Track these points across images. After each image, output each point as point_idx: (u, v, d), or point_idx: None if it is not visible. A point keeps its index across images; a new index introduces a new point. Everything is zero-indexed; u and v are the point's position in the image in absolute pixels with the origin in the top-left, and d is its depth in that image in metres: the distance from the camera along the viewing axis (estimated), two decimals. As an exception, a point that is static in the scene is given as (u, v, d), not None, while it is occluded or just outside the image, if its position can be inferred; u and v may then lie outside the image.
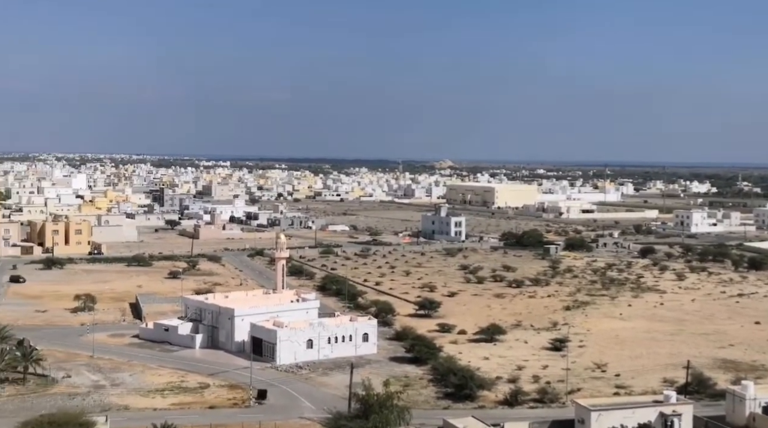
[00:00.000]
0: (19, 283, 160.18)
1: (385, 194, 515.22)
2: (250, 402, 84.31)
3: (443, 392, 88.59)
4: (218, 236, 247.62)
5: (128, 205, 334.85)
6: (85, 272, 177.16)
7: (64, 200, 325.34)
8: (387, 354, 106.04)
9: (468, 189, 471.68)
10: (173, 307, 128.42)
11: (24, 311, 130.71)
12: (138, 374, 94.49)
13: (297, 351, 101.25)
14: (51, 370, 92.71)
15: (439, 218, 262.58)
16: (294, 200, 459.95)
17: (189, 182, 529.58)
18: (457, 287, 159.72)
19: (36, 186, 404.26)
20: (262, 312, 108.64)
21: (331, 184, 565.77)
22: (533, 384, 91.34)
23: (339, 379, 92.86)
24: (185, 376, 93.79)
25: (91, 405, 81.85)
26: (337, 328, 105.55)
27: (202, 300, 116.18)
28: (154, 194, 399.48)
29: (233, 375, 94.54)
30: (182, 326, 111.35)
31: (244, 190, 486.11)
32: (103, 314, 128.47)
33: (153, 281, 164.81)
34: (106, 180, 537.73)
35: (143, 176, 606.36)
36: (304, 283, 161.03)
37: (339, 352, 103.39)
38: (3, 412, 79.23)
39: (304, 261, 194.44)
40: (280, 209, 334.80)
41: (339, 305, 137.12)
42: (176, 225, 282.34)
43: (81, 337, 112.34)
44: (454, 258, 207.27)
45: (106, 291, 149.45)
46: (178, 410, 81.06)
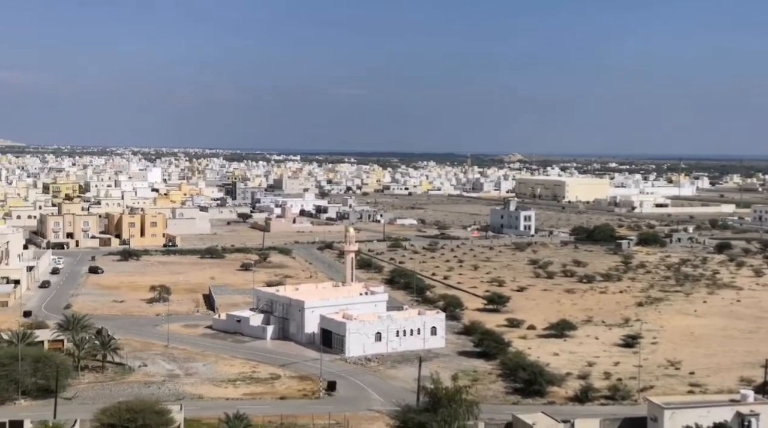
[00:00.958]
0: (98, 274, 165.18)
1: (454, 187, 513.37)
2: (319, 393, 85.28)
3: (512, 387, 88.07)
4: (289, 229, 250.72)
5: (202, 198, 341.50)
6: (160, 264, 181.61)
7: (140, 194, 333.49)
8: (455, 348, 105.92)
9: (538, 183, 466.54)
10: (245, 299, 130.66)
11: (102, 302, 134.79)
12: (211, 364, 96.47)
13: (366, 343, 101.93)
14: (128, 359, 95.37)
15: (508, 212, 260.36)
16: (363, 193, 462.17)
17: (260, 176, 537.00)
18: (526, 282, 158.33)
19: (113, 180, 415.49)
20: (331, 305, 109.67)
21: (400, 178, 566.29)
22: (604, 380, 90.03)
23: (407, 372, 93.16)
24: (257, 367, 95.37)
25: (166, 393, 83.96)
26: (405, 321, 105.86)
27: (273, 292, 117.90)
28: (227, 187, 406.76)
29: (303, 367, 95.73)
30: (254, 317, 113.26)
31: (314, 184, 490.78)
32: (178, 305, 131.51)
33: (225, 273, 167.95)
34: (180, 174, 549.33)
35: (216, 170, 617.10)
36: (372, 276, 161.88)
37: (407, 345, 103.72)
38: (83, 399, 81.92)
39: (373, 255, 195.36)
40: (349, 203, 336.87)
41: (407, 299, 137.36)
42: (248, 218, 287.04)
43: (156, 327, 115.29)
44: (524, 253, 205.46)
45: (181, 283, 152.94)
46: (249, 400, 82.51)
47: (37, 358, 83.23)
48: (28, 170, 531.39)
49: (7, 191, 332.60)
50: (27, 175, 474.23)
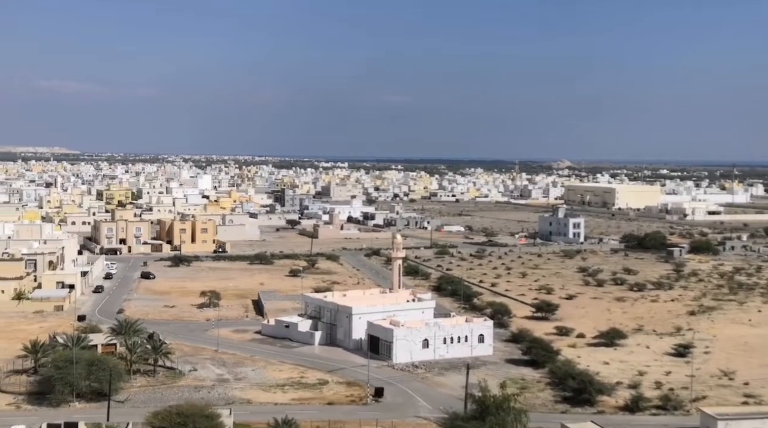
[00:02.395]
0: (150, 279, 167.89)
1: (501, 194, 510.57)
2: (367, 399, 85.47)
3: (561, 396, 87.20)
4: (336, 236, 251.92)
5: (251, 205, 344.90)
6: (210, 270, 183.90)
7: (191, 200, 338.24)
8: (503, 355, 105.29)
9: (587, 190, 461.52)
10: (293, 304, 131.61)
11: (154, 306, 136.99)
12: (260, 369, 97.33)
13: (413, 350, 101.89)
14: (179, 363, 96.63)
15: (556, 219, 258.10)
16: (410, 200, 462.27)
17: (309, 183, 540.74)
18: (575, 290, 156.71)
19: (165, 186, 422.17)
20: (379, 311, 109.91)
21: (447, 185, 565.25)
22: (655, 390, 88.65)
23: (455, 379, 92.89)
24: (305, 372, 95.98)
25: (216, 397, 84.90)
26: (452, 328, 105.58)
27: (321, 298, 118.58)
28: (276, 194, 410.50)
29: (351, 372, 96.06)
30: (302, 323, 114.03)
31: (362, 190, 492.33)
32: (227, 311, 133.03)
33: (274, 278, 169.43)
34: (230, 181, 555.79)
35: (265, 177, 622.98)
36: (419, 283, 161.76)
37: (454, 353, 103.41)
38: (135, 402, 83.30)
39: (420, 261, 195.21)
40: (396, 210, 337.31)
41: (454, 306, 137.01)
42: (296, 225, 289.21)
43: (206, 332, 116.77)
44: (573, 260, 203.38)
45: (230, 288, 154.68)
46: (297, 405, 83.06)
47: (91, 362, 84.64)
48: (83, 178, 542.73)
49: (63, 197, 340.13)
50: (81, 182, 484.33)
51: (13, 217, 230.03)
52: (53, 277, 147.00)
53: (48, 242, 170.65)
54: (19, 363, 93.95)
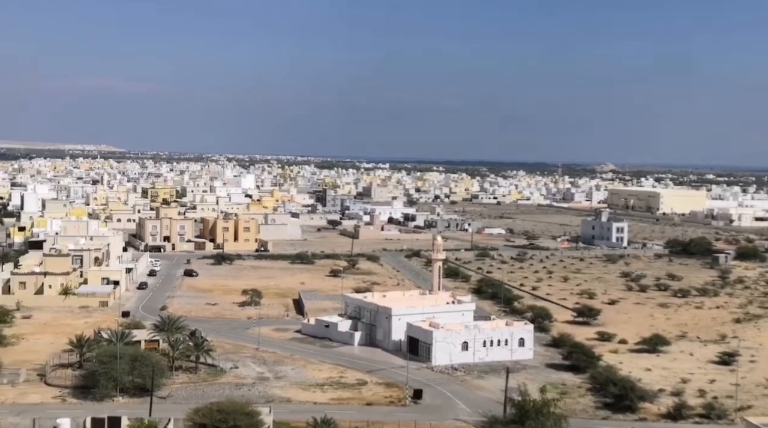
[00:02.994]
0: (193, 277, 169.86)
1: (543, 197, 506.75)
2: (406, 401, 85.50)
3: (602, 402, 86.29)
4: (377, 237, 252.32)
5: (293, 204, 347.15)
6: (252, 268, 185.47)
7: (234, 199, 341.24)
8: (543, 360, 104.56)
9: (631, 194, 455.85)
10: (333, 304, 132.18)
11: (196, 304, 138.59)
12: (300, 368, 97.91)
13: (452, 352, 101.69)
14: (220, 360, 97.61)
15: (599, 223, 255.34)
16: (451, 202, 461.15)
17: (350, 184, 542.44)
18: (617, 295, 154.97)
19: (209, 185, 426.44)
20: (418, 313, 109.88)
21: (488, 187, 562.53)
22: (699, 398, 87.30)
23: (494, 383, 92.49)
24: (344, 372, 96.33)
25: (256, 395, 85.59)
26: (492, 332, 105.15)
27: (361, 299, 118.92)
28: (317, 194, 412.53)
29: (390, 373, 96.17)
30: (342, 323, 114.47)
31: (403, 192, 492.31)
32: (268, 309, 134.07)
33: (315, 278, 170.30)
34: (272, 180, 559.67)
35: (307, 177, 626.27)
36: (459, 285, 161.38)
37: (494, 356, 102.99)
38: (177, 399, 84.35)
39: (460, 263, 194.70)
40: (437, 211, 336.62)
41: (494, 309, 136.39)
42: (337, 225, 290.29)
43: (247, 330, 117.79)
44: (615, 265, 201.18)
45: (271, 287, 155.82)
46: (336, 405, 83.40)
47: (135, 357, 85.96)
48: (129, 175, 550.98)
49: (109, 195, 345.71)
50: (127, 180, 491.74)
51: (60, 213, 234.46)
52: (99, 273, 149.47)
53: (94, 239, 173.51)
54: (65, 357, 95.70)
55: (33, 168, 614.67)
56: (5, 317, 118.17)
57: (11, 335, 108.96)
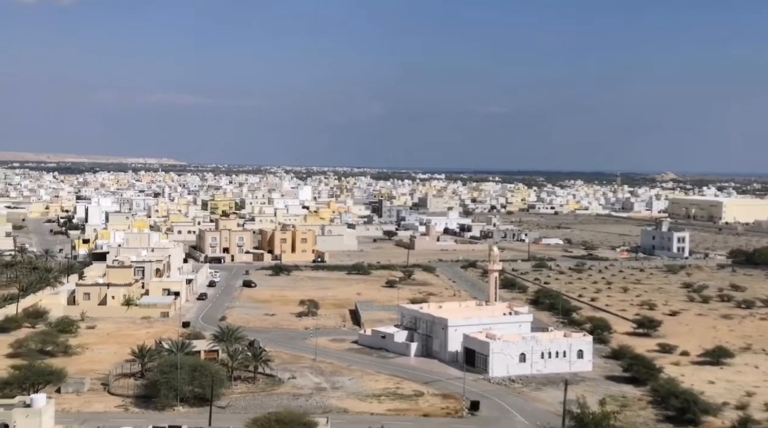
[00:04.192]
0: (251, 288, 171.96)
1: (602, 207, 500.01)
2: (463, 412, 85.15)
3: (663, 415, 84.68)
4: (433, 247, 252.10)
5: (349, 216, 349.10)
6: (309, 279, 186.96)
7: (292, 211, 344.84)
8: (602, 372, 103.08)
9: (692, 203, 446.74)
10: (389, 315, 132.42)
11: (254, 314, 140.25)
12: (357, 378, 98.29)
13: (509, 364, 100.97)
14: (278, 371, 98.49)
15: (660, 233, 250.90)
16: (507, 212, 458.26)
17: (406, 194, 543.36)
18: (679, 306, 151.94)
19: (267, 197, 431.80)
20: (474, 324, 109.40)
21: (545, 197, 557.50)
22: (765, 412, 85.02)
23: (552, 395, 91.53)
24: (401, 383, 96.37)
25: (313, 406, 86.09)
26: (550, 343, 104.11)
27: (416, 309, 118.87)
28: (373, 205, 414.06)
29: (446, 385, 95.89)
30: (398, 334, 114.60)
31: (458, 202, 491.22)
32: (325, 320, 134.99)
33: (371, 289, 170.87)
34: (329, 192, 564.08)
35: (363, 188, 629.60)
36: (516, 296, 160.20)
37: (552, 368, 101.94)
38: (235, 408, 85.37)
39: (517, 274, 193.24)
40: (493, 222, 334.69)
41: (552, 320, 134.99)
42: (393, 236, 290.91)
43: (305, 340, 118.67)
44: (676, 276, 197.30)
45: (328, 298, 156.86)
46: (393, 416, 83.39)
47: (194, 367, 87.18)
48: (189, 188, 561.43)
49: (170, 207, 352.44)
50: (188, 192, 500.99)
51: (123, 226, 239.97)
52: (160, 284, 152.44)
53: (155, 251, 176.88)
54: (127, 366, 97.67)
55: (97, 182, 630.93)
56: (70, 327, 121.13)
57: (76, 344, 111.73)
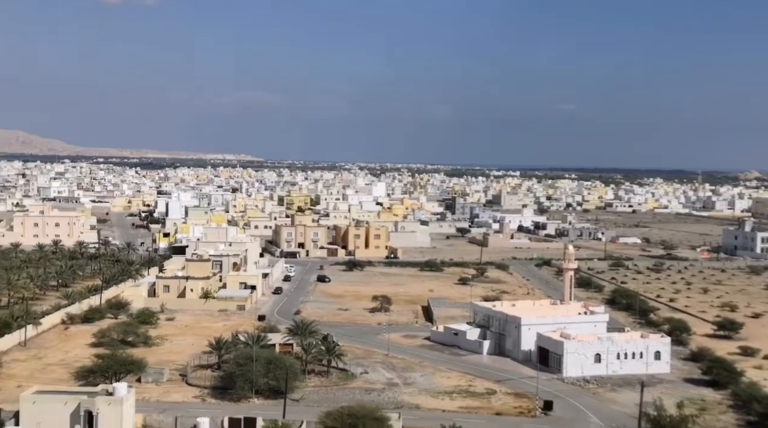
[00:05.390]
0: (325, 283, 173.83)
1: (682, 206, 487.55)
2: (536, 412, 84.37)
3: (745, 420, 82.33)
4: (506, 245, 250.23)
5: (422, 212, 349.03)
6: (382, 275, 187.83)
7: (366, 207, 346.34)
8: (681, 374, 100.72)
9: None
10: (462, 312, 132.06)
11: (328, 309, 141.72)
12: (428, 375, 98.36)
13: (584, 364, 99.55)
14: (351, 365, 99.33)
15: (743, 232, 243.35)
16: (583, 210, 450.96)
17: (479, 192, 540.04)
18: (762, 309, 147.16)
19: (341, 193, 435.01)
20: (549, 323, 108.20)
21: (623, 195, 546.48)
22: None
23: (628, 397, 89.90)
24: (473, 381, 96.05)
25: (385, 401, 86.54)
26: (626, 344, 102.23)
27: (489, 307, 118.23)
28: (447, 202, 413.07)
29: (519, 384, 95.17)
30: (470, 331, 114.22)
31: (533, 200, 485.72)
32: (398, 316, 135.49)
33: (443, 286, 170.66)
34: (403, 188, 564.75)
35: (437, 185, 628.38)
36: (592, 296, 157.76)
37: (628, 369, 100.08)
38: (309, 401, 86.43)
39: (593, 273, 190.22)
40: (569, 220, 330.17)
41: (629, 321, 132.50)
42: (466, 233, 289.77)
43: (377, 336, 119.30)
44: (760, 277, 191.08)
45: (401, 294, 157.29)
46: (465, 413, 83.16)
47: (269, 360, 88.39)
48: (266, 184, 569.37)
49: (247, 202, 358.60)
50: (264, 188, 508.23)
51: (202, 220, 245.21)
52: (237, 278, 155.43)
53: (233, 245, 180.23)
54: (204, 358, 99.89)
55: (177, 177, 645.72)
56: (151, 318, 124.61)
57: (156, 336, 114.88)
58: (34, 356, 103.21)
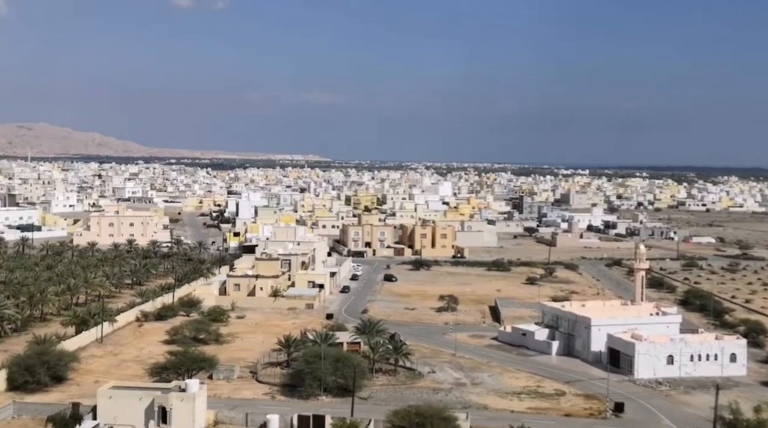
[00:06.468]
0: (392, 282, 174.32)
1: (758, 204, 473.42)
2: (606, 413, 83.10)
3: (826, 426, 79.39)
4: (575, 245, 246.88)
5: (489, 211, 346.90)
6: (449, 274, 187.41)
7: (432, 206, 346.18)
8: (758, 377, 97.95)
9: None
10: (530, 312, 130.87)
11: (395, 308, 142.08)
12: (496, 375, 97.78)
13: (656, 366, 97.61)
14: (418, 364, 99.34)
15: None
16: (655, 209, 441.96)
17: (547, 190, 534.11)
18: None
19: (407, 193, 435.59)
20: (619, 323, 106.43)
21: (696, 193, 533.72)
22: None
23: (702, 400, 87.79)
24: (541, 381, 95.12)
25: (453, 401, 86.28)
26: (700, 345, 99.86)
27: (558, 308, 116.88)
28: (514, 201, 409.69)
29: (589, 385, 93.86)
30: (539, 332, 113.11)
31: (603, 198, 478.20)
32: (464, 315, 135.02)
33: (511, 285, 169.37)
34: (469, 188, 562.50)
35: (504, 184, 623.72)
36: (664, 296, 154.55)
37: (702, 371, 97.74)
38: (376, 400, 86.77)
39: (665, 273, 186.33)
40: (640, 219, 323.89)
41: (702, 322, 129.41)
42: (534, 232, 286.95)
43: (444, 335, 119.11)
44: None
45: (467, 293, 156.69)
46: (533, 414, 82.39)
47: (337, 358, 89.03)
48: (333, 183, 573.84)
49: (315, 202, 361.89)
50: (332, 188, 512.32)
51: (271, 220, 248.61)
52: (305, 277, 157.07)
53: (301, 244, 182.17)
54: (274, 355, 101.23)
55: (247, 177, 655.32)
56: (221, 316, 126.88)
57: (227, 333, 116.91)
58: (110, 352, 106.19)
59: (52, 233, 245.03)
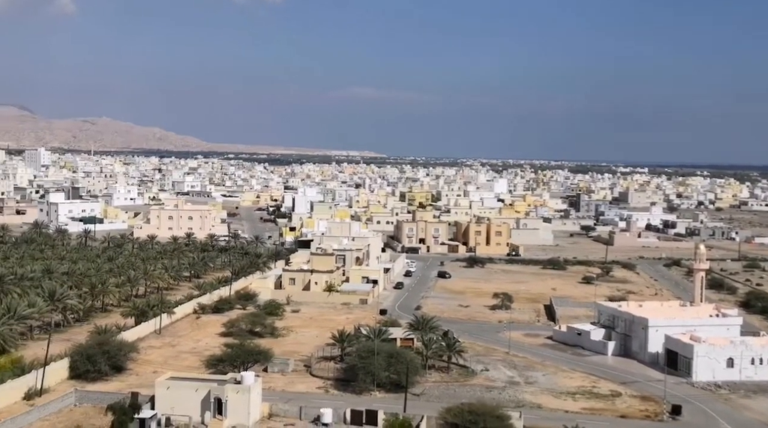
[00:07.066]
0: (446, 279, 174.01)
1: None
2: (663, 416, 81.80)
3: None
4: (633, 244, 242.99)
5: (545, 209, 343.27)
6: (503, 272, 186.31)
7: (487, 203, 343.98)
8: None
9: None
10: (585, 312, 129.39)
11: (448, 305, 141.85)
12: (550, 374, 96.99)
13: (715, 368, 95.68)
14: (471, 362, 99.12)
15: None
16: (716, 209, 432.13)
17: (605, 189, 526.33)
18: None
19: (462, 190, 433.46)
20: (677, 325, 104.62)
21: (759, 193, 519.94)
22: None
23: (763, 404, 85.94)
24: (596, 382, 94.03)
25: (506, 399, 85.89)
26: (762, 348, 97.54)
27: (615, 307, 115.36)
28: (571, 199, 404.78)
29: (645, 386, 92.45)
30: (595, 331, 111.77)
31: (662, 197, 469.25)
32: (519, 314, 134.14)
33: (566, 284, 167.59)
34: (525, 185, 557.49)
35: (560, 182, 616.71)
36: (724, 298, 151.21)
37: (763, 375, 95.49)
38: (429, 396, 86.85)
39: (725, 275, 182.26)
40: (700, 218, 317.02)
41: (764, 325, 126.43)
42: (591, 231, 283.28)
43: (498, 333, 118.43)
44: None
45: (522, 292, 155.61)
46: (588, 415, 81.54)
47: (391, 354, 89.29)
48: (388, 180, 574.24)
49: (370, 198, 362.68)
50: (387, 184, 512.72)
51: (326, 215, 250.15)
52: (359, 272, 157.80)
53: (356, 240, 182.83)
54: (327, 350, 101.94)
55: (303, 173, 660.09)
56: (277, 310, 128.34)
57: (282, 327, 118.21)
58: (168, 343, 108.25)
59: (113, 226, 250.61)
